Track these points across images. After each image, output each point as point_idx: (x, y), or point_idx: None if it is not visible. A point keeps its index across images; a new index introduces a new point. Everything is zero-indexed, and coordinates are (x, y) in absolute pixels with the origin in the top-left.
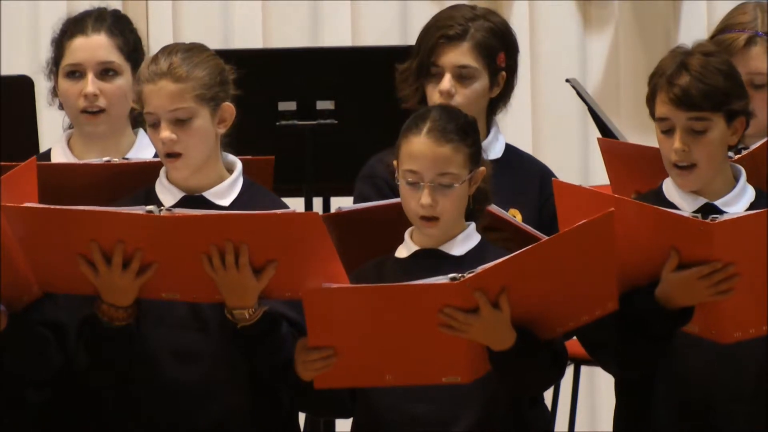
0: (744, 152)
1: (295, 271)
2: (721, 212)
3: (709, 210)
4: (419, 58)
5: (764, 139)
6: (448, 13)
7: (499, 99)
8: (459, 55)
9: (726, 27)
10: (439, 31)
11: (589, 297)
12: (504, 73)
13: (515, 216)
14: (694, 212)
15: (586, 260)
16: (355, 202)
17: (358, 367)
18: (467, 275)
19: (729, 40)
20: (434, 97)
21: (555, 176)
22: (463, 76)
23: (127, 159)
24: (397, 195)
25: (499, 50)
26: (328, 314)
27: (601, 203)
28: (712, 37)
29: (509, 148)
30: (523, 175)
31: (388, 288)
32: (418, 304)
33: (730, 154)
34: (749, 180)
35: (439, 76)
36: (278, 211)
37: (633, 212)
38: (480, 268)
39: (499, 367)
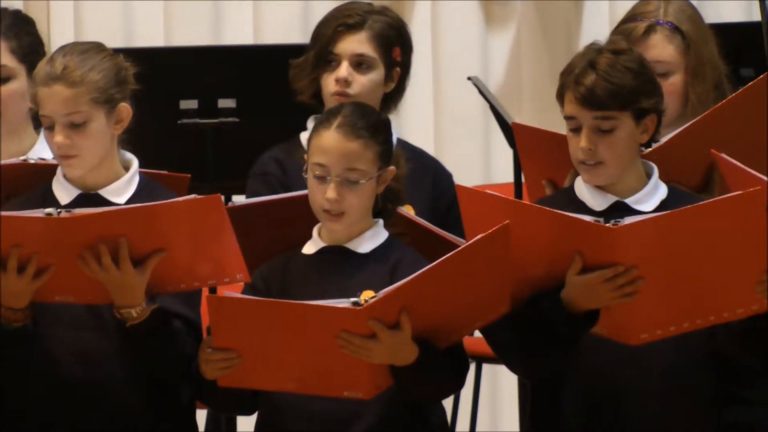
0: (654, 146)
1: (190, 260)
2: (632, 210)
3: (619, 208)
4: (317, 48)
5: (672, 133)
6: (346, 6)
7: (391, 97)
8: (357, 43)
9: (630, 17)
10: (338, 21)
11: (485, 304)
12: (398, 69)
13: (409, 212)
14: (604, 210)
15: (482, 271)
16: (247, 198)
17: (261, 371)
18: (369, 301)
19: (630, 29)
20: (330, 85)
21: (448, 173)
22: (360, 64)
23: (26, 159)
24: (288, 191)
25: (396, 44)
26: (232, 320)
27: (504, 208)
28: (617, 28)
29: (401, 143)
30: (416, 171)
31: (289, 305)
32: (318, 323)
33: (641, 148)
34: (660, 175)
35: (337, 65)
36: (179, 199)
37: (535, 217)
38: (381, 294)
39: (402, 382)
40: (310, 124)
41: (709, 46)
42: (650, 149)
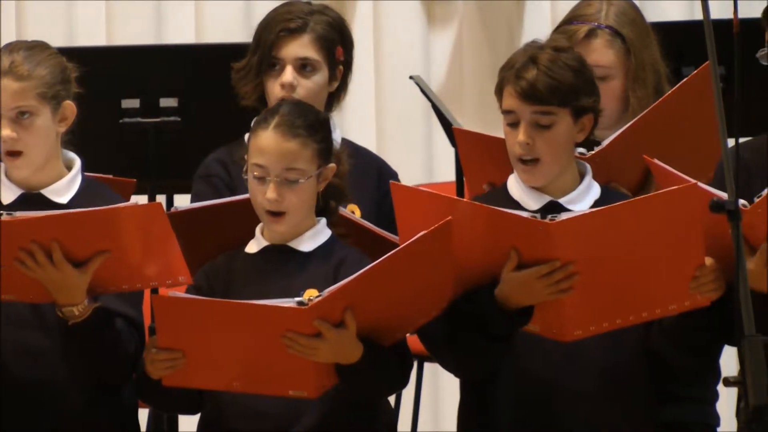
0: (597, 149)
1: (132, 262)
2: (566, 210)
3: (553, 208)
4: (259, 53)
5: (614, 135)
6: (285, 8)
7: (335, 95)
8: (300, 47)
9: (571, 18)
10: (280, 25)
11: (429, 301)
12: (341, 67)
13: (354, 212)
14: (538, 210)
15: (426, 268)
16: (192, 201)
17: (206, 371)
18: (314, 300)
19: (571, 31)
20: (275, 90)
21: (393, 171)
22: (304, 68)
23: None
24: (233, 194)
25: (338, 44)
26: (177, 320)
27: (438, 205)
28: (557, 28)
29: (346, 143)
30: (360, 170)
31: (234, 305)
32: (263, 323)
33: (583, 150)
34: (602, 176)
35: (280, 70)
36: (121, 205)
37: (470, 214)
38: (325, 293)
39: (347, 380)
40: None
41: (650, 49)
42: (593, 152)
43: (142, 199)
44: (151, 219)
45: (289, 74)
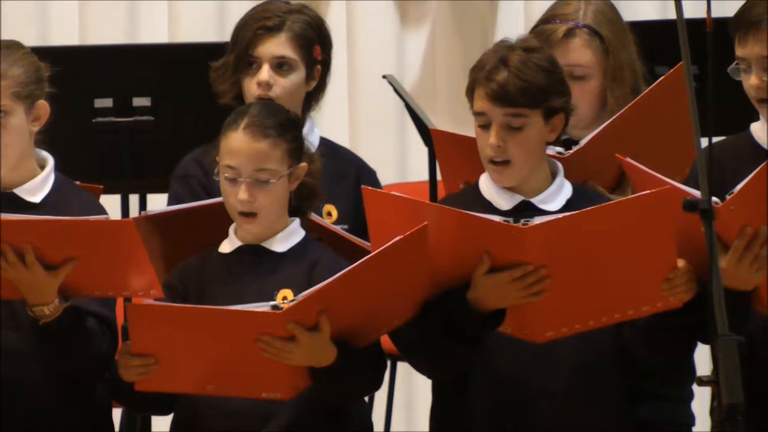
0: (574, 148)
1: (104, 271)
2: (538, 209)
3: (525, 207)
4: (236, 51)
5: (591, 134)
6: (263, 7)
7: (313, 94)
8: (277, 46)
9: (549, 18)
10: (257, 23)
11: (403, 304)
12: (319, 67)
13: (330, 212)
14: (510, 210)
15: (401, 272)
16: (168, 201)
17: (179, 375)
18: (288, 304)
19: (549, 31)
20: (252, 89)
21: (372, 170)
22: (281, 66)
23: None
24: (210, 195)
25: (316, 43)
26: (150, 327)
27: (409, 209)
28: (535, 28)
29: (324, 142)
30: (339, 170)
31: (208, 311)
32: (237, 327)
33: (561, 150)
34: (579, 175)
35: (257, 68)
36: (92, 218)
37: (441, 218)
38: (300, 297)
39: (321, 383)
40: None
41: (627, 48)
42: (570, 152)
43: (114, 199)
44: (122, 235)
45: (265, 73)
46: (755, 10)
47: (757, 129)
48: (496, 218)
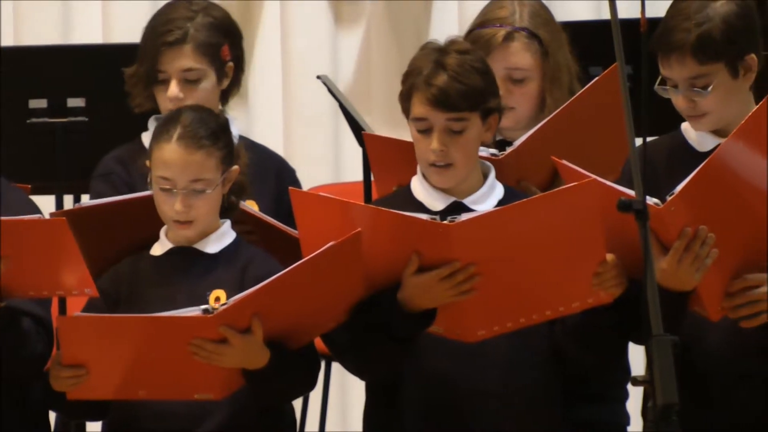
0: (509, 149)
1: (38, 271)
2: (470, 210)
3: (457, 208)
4: (144, 65)
5: (525, 136)
6: (165, 16)
7: (230, 88)
8: (182, 59)
9: (484, 22)
10: (160, 38)
11: (337, 307)
12: (231, 64)
13: (253, 208)
14: (443, 210)
15: (334, 277)
16: (91, 200)
17: (111, 383)
18: (220, 308)
19: (487, 35)
20: (165, 103)
21: (291, 169)
22: (189, 79)
23: None
24: (133, 191)
25: (222, 44)
26: (81, 338)
27: (338, 210)
28: (470, 32)
29: (243, 140)
30: (259, 168)
31: (139, 319)
32: (169, 333)
33: (495, 151)
34: (513, 176)
35: (167, 82)
36: (25, 218)
37: (371, 218)
38: (232, 301)
39: (254, 384)
40: (152, 125)
41: (563, 49)
42: (505, 153)
43: (49, 200)
44: (54, 234)
45: (174, 88)
46: (677, 35)
47: (688, 128)
48: (423, 216)
